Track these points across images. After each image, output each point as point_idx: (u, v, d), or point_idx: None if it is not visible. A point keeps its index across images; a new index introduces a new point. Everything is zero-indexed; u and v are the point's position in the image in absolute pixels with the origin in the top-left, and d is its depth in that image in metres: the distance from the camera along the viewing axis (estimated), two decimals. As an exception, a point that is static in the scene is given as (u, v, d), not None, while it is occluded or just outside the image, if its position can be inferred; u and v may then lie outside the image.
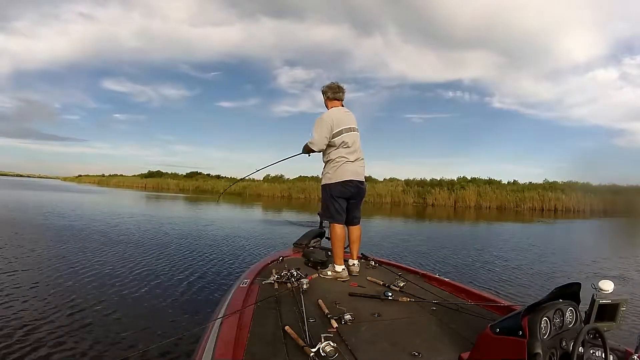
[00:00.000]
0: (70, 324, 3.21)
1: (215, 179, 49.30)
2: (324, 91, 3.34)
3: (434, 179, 33.09)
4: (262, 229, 11.14)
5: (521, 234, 13.31)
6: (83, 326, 3.19)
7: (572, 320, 1.39)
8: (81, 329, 3.14)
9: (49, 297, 3.91)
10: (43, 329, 3.07)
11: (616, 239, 13.44)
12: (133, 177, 59.93)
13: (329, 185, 3.15)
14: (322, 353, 1.55)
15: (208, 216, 14.82)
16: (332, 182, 3.14)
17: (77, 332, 3.07)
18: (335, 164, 3.14)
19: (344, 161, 3.15)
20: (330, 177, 3.15)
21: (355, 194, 3.23)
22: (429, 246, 8.87)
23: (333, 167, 3.14)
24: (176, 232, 9.26)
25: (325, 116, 3.19)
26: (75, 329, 3.13)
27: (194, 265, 5.74)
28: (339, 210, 3.15)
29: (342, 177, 3.14)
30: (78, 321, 3.29)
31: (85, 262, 5.50)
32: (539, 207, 26.71)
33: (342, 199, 3.17)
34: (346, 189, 3.16)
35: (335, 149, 3.14)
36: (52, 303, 3.73)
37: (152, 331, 3.17)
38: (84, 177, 79.69)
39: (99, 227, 9.37)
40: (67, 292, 4.13)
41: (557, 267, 6.76)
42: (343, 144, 3.14)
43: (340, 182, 3.14)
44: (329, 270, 3.01)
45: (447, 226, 14.99)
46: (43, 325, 3.16)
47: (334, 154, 3.14)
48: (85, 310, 3.59)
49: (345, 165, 3.15)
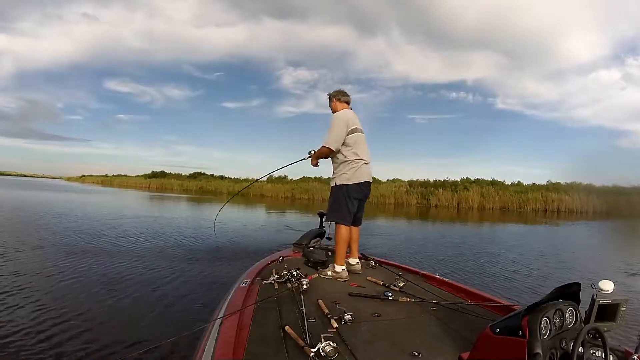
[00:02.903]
0: (70, 324, 3.22)
1: (219, 180, 49.31)
2: (334, 95, 3.36)
3: (437, 179, 32.93)
4: (264, 230, 11.14)
5: (523, 235, 13.25)
6: (83, 326, 3.19)
7: (572, 320, 1.39)
8: (81, 329, 3.14)
9: (49, 297, 3.92)
10: (43, 329, 3.07)
11: (618, 241, 13.35)
12: (136, 177, 60.13)
13: (347, 186, 3.14)
14: (322, 353, 1.55)
15: (210, 217, 14.83)
16: (351, 182, 3.14)
17: (76, 332, 3.07)
18: (354, 165, 3.15)
19: (362, 163, 3.19)
20: (348, 178, 3.14)
21: (366, 196, 3.28)
22: (431, 247, 8.84)
23: (352, 167, 3.15)
24: (177, 232, 9.27)
25: (341, 114, 3.22)
26: (75, 329, 3.13)
27: (194, 265, 5.75)
28: (351, 211, 3.17)
29: (361, 179, 3.18)
30: (78, 321, 3.29)
31: (85, 262, 5.50)
32: (542, 208, 26.55)
33: (357, 200, 3.19)
34: (362, 190, 3.20)
35: (351, 149, 3.15)
36: (52, 302, 3.74)
37: (152, 331, 3.16)
38: (87, 177, 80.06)
39: (100, 226, 9.39)
40: (67, 292, 4.14)
41: (558, 267, 6.72)
42: (356, 143, 3.17)
43: (358, 183, 3.16)
44: (329, 271, 3.02)
45: (449, 227, 14.93)
46: (43, 325, 3.16)
47: (350, 154, 3.15)
48: (85, 310, 3.59)
49: (363, 167, 3.19)
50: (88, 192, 31.62)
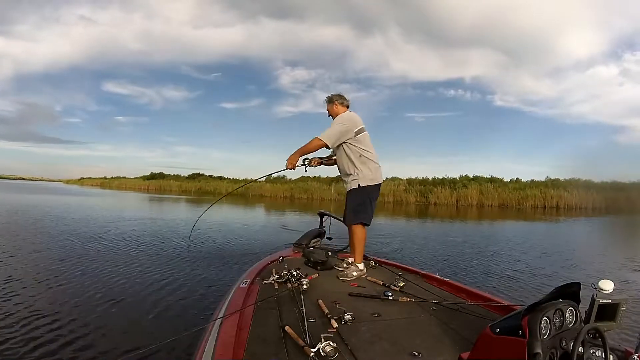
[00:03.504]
0: (70, 325, 3.22)
1: (218, 180, 49.25)
2: (336, 98, 3.32)
3: (436, 177, 33.07)
4: (263, 230, 11.14)
5: (523, 232, 13.26)
6: (83, 326, 3.20)
7: (572, 320, 1.39)
8: (81, 329, 3.14)
9: (48, 297, 3.93)
10: (42, 330, 3.08)
11: (617, 237, 13.37)
12: (135, 179, 59.95)
13: (369, 187, 3.13)
14: (322, 353, 1.55)
15: (210, 217, 14.82)
16: (373, 183, 3.16)
17: (76, 332, 3.08)
18: (374, 166, 3.17)
19: (379, 165, 3.23)
20: (372, 179, 3.15)
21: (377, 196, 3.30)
22: (431, 246, 8.83)
23: (373, 169, 3.16)
24: (176, 232, 9.27)
25: (350, 114, 3.22)
26: (74, 329, 3.13)
27: (194, 265, 5.74)
28: (373, 211, 3.20)
29: (379, 180, 3.21)
30: (77, 321, 3.30)
31: (84, 263, 5.51)
32: (541, 205, 26.63)
33: (374, 201, 3.22)
34: (378, 191, 3.24)
35: (365, 149, 3.15)
36: (51, 303, 3.75)
37: (152, 331, 3.18)
38: (86, 179, 79.82)
39: (98, 228, 9.39)
40: (66, 292, 4.14)
41: (558, 267, 6.71)
42: (368, 143, 3.19)
43: (377, 184, 3.20)
44: (354, 272, 2.99)
45: (449, 225, 14.95)
46: (42, 325, 3.16)
47: (368, 154, 3.16)
48: (85, 310, 3.59)
49: (379, 168, 3.22)
50: (86, 195, 31.55)
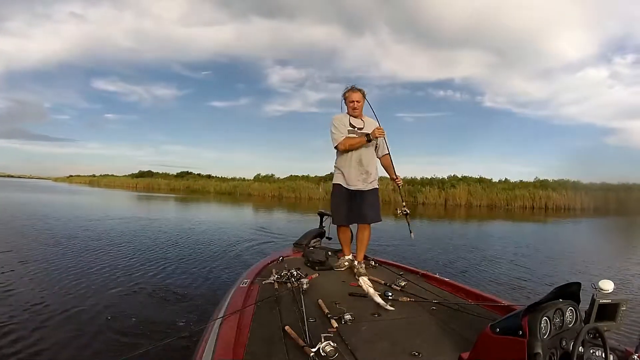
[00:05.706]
0: (70, 325, 3.19)
1: (206, 179, 48.93)
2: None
3: (424, 177, 33.16)
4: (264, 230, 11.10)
5: (512, 232, 13.43)
6: (82, 327, 3.17)
7: (572, 320, 1.41)
8: (81, 329, 3.11)
9: (48, 297, 3.87)
10: (42, 330, 3.04)
11: (609, 238, 13.57)
12: (124, 177, 59.29)
13: None
14: (322, 353, 1.55)
15: (204, 216, 14.77)
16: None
17: (76, 332, 3.04)
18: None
19: None
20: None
21: None
22: (420, 246, 8.85)
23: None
24: (173, 232, 9.17)
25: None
26: (74, 329, 3.10)
27: (194, 265, 5.71)
28: None
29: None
30: (77, 322, 3.27)
31: (82, 263, 5.43)
32: (529, 206, 26.89)
33: None
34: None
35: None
36: (51, 303, 3.70)
37: (152, 331, 3.14)
38: (75, 177, 78.40)
39: (94, 228, 9.23)
40: (66, 292, 4.09)
41: (557, 266, 6.79)
42: None
43: None
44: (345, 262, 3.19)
45: (437, 225, 15.03)
46: (42, 325, 3.13)
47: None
48: (85, 310, 3.56)
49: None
50: (74, 192, 31.08)
